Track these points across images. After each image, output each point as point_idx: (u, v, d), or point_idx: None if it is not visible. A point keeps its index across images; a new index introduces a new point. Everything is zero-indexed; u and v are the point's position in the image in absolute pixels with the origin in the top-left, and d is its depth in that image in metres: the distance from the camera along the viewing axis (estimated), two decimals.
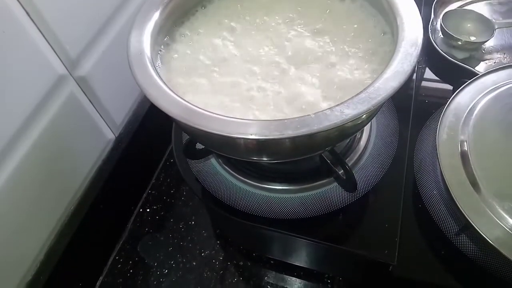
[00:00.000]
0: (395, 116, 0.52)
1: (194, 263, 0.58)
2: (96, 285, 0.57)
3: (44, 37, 0.44)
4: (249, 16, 0.47)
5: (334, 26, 0.45)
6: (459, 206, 0.42)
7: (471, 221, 0.40)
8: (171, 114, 0.34)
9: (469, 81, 0.51)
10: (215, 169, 0.49)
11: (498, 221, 0.40)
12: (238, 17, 0.47)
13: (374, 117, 0.50)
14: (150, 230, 0.62)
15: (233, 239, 0.60)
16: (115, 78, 0.56)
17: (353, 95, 0.34)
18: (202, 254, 0.58)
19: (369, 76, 0.40)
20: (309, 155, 0.40)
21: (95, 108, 0.54)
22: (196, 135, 0.41)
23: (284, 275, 0.56)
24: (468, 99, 0.50)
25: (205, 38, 0.46)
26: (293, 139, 0.34)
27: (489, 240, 0.39)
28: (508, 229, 0.40)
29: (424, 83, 0.65)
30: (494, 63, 0.63)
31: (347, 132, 0.39)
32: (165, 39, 0.45)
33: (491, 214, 0.41)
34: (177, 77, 0.42)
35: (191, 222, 0.62)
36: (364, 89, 0.34)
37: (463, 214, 0.41)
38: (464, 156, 0.45)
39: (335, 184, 0.46)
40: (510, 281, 0.42)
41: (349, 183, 0.43)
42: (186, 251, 0.59)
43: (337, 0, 0.47)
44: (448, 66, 0.63)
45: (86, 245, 0.55)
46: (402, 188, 0.47)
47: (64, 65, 0.48)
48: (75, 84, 0.50)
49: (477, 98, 0.49)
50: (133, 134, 0.61)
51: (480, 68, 0.62)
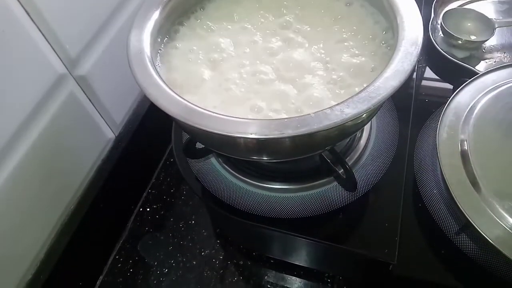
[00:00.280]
0: (395, 115, 0.52)
1: (194, 262, 0.58)
2: (96, 284, 0.57)
3: (44, 36, 0.44)
4: (249, 15, 0.47)
5: (334, 25, 0.45)
6: (459, 205, 0.42)
7: (471, 220, 0.40)
8: (171, 114, 0.34)
9: (469, 80, 0.51)
10: (215, 168, 0.49)
11: (498, 220, 0.40)
12: (238, 16, 0.47)
13: (374, 116, 0.50)
14: (150, 230, 0.62)
15: (233, 238, 0.60)
16: (115, 77, 0.56)
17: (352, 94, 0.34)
18: (202, 253, 0.58)
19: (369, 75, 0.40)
20: (309, 154, 0.40)
21: (95, 107, 0.54)
22: (196, 134, 0.41)
23: (284, 274, 0.56)
24: (468, 98, 0.50)
25: (205, 37, 0.46)
26: (293, 138, 0.34)
27: (489, 239, 0.39)
28: (508, 228, 0.40)
29: (424, 82, 0.65)
30: (495, 62, 0.63)
31: (347, 131, 0.39)
32: (165, 38, 0.45)
33: (491, 213, 0.41)
34: (177, 76, 0.42)
35: (191, 222, 0.62)
36: (364, 88, 0.34)
37: (463, 213, 0.41)
38: (464, 155, 0.45)
39: (335, 183, 0.46)
40: (510, 280, 0.42)
41: (349, 182, 0.43)
42: (186, 250, 0.59)
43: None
44: (448, 65, 0.62)
45: (86, 244, 0.55)
46: (402, 187, 0.47)
47: (64, 64, 0.48)
48: (75, 84, 0.50)
49: (477, 97, 0.49)
50: (133, 133, 0.61)
51: (480, 67, 0.62)
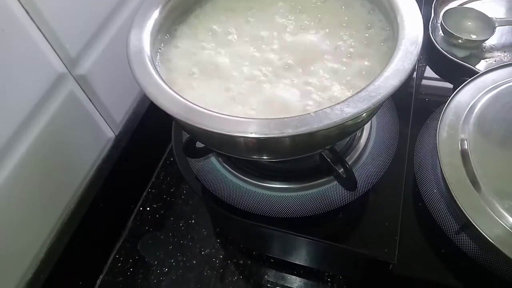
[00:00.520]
0: (395, 114, 0.52)
1: (194, 261, 0.58)
2: (96, 283, 0.57)
3: (44, 35, 0.44)
4: (249, 13, 0.47)
5: (333, 24, 0.45)
6: (459, 205, 0.42)
7: (471, 220, 0.40)
8: (171, 113, 0.34)
9: (469, 80, 0.51)
10: (215, 167, 0.49)
11: (498, 219, 0.40)
12: (238, 15, 0.47)
13: (375, 116, 0.50)
14: (150, 229, 0.62)
15: (233, 237, 0.60)
16: (114, 76, 0.56)
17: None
18: (202, 253, 0.58)
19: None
20: (309, 154, 0.40)
21: (94, 106, 0.54)
22: (196, 133, 0.41)
23: (284, 274, 0.56)
24: (469, 97, 0.50)
25: (205, 37, 0.46)
26: (293, 138, 0.34)
27: (489, 239, 0.39)
28: (508, 227, 0.40)
29: (424, 82, 0.65)
30: (495, 61, 0.63)
31: (347, 130, 0.39)
32: (165, 37, 0.45)
33: (491, 212, 0.41)
34: (177, 75, 0.42)
35: (191, 221, 0.62)
36: (364, 88, 0.34)
37: (463, 213, 0.41)
38: (464, 154, 0.45)
39: (335, 182, 0.46)
40: (510, 280, 0.42)
41: (349, 181, 0.43)
42: (186, 250, 0.59)
43: None
44: (448, 65, 0.62)
45: (86, 243, 0.55)
46: (402, 186, 0.47)
47: (63, 63, 0.48)
48: (74, 83, 0.50)
49: (478, 97, 0.49)
50: (133, 132, 0.61)
51: (481, 66, 0.62)
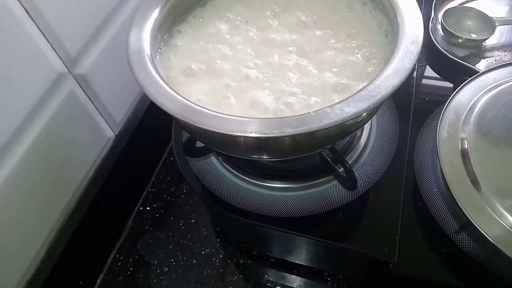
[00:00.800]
0: (395, 114, 0.52)
1: (194, 261, 0.58)
2: (96, 283, 0.57)
3: (44, 35, 0.44)
4: (248, 13, 0.47)
5: (333, 23, 0.45)
6: (459, 204, 0.42)
7: (471, 219, 0.40)
8: (171, 112, 0.34)
9: (469, 79, 0.51)
10: (215, 167, 0.49)
11: (498, 219, 0.40)
12: (237, 14, 0.47)
13: (375, 115, 0.50)
14: (150, 228, 0.62)
15: (233, 237, 0.60)
16: (114, 76, 0.56)
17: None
18: (202, 252, 0.58)
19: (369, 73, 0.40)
20: (309, 153, 0.40)
21: (94, 106, 0.54)
22: (196, 133, 0.41)
23: (284, 273, 0.56)
24: (469, 97, 0.50)
25: (205, 36, 0.45)
26: (293, 137, 0.34)
27: (489, 238, 0.39)
28: (508, 227, 0.40)
29: (424, 81, 0.65)
30: (495, 60, 0.63)
31: (347, 130, 0.39)
32: (165, 36, 0.45)
33: (491, 212, 0.41)
34: (177, 74, 0.42)
35: (191, 220, 0.62)
36: (364, 87, 0.34)
37: (463, 212, 0.41)
38: (464, 154, 0.45)
39: (335, 182, 0.46)
40: (510, 279, 0.42)
41: (349, 181, 0.43)
42: (186, 249, 0.59)
43: None
44: (448, 64, 0.62)
45: (86, 243, 0.55)
46: (402, 186, 0.47)
47: (63, 63, 0.47)
48: (74, 82, 0.50)
49: (478, 96, 0.49)
50: (133, 132, 0.61)
51: (481, 65, 0.62)
